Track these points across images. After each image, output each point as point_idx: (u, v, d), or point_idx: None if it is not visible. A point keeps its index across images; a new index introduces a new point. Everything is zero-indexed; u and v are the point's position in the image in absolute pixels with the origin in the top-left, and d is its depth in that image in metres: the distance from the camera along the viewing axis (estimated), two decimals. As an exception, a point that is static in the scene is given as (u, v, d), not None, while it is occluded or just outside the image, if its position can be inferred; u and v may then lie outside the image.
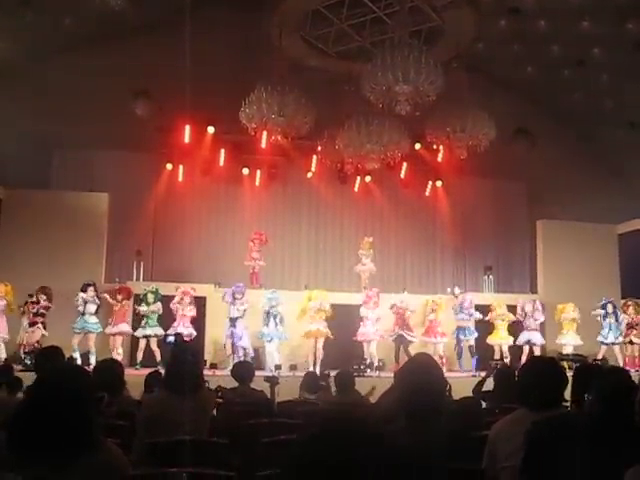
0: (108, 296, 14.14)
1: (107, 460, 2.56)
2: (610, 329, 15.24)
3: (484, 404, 6.34)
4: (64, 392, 2.54)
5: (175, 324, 14.11)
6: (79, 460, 2.43)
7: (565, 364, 10.67)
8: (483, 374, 9.36)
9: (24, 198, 15.58)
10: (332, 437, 1.80)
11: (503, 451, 3.26)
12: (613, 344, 15.13)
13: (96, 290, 13.86)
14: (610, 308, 15.35)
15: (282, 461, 1.82)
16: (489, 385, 6.86)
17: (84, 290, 13.71)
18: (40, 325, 13.55)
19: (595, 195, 17.52)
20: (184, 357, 4.52)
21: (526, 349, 15.22)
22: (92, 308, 13.70)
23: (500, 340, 15.39)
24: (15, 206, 15.49)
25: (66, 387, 2.58)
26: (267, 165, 18.18)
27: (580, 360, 13.38)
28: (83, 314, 13.63)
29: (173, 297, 14.36)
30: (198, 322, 14.58)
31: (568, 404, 3.97)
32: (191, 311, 14.32)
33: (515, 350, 15.29)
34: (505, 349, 15.28)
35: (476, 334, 15.44)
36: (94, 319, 13.71)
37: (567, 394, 3.71)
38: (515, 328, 15.65)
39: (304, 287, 16.70)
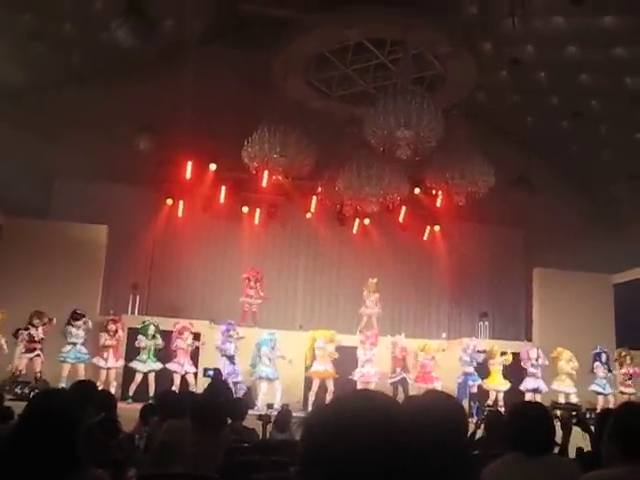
0: (106, 335, 14.13)
1: None
2: (606, 379, 15.24)
3: (476, 451, 6.32)
4: (49, 416, 2.60)
5: (175, 359, 14.17)
6: None
7: (558, 412, 10.61)
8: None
9: (23, 226, 15.60)
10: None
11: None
12: (608, 394, 15.10)
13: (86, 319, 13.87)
14: (604, 358, 15.35)
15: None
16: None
17: (76, 319, 13.69)
18: (39, 352, 13.39)
19: (592, 244, 17.60)
20: (217, 397, 4.59)
21: (528, 396, 15.01)
22: (82, 339, 13.70)
23: (496, 385, 15.36)
24: (14, 234, 15.49)
25: (52, 411, 2.64)
26: (267, 204, 18.28)
27: (574, 409, 13.24)
28: (75, 344, 13.62)
29: (170, 332, 14.38)
30: (193, 358, 14.57)
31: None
32: (190, 346, 14.37)
33: (515, 397, 15.12)
34: (500, 396, 15.21)
35: (479, 380, 15.37)
36: (85, 349, 13.72)
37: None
38: (511, 374, 15.66)
39: (299, 327, 16.70)
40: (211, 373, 13.01)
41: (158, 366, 14.09)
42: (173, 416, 4.71)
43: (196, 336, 14.72)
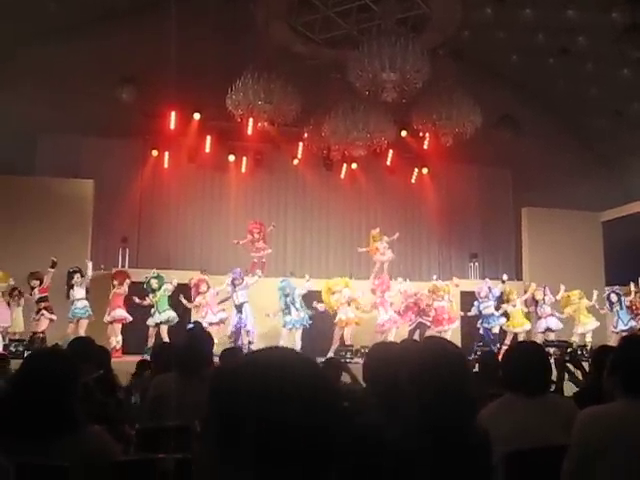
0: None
1: (90, 443, 2.58)
2: (619, 317, 15.37)
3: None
4: (44, 374, 2.60)
5: (203, 314, 14.23)
6: (61, 441, 2.47)
7: (551, 350, 10.75)
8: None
9: (8, 184, 15.43)
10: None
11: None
12: (624, 331, 15.24)
13: (82, 275, 13.80)
14: (614, 297, 15.44)
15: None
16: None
17: (72, 278, 13.64)
18: (45, 312, 13.35)
19: (580, 182, 17.63)
20: (195, 344, 4.60)
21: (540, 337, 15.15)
22: (80, 292, 13.63)
23: (516, 327, 15.50)
24: (0, 192, 15.38)
25: (47, 369, 2.63)
26: (253, 152, 18.15)
27: (564, 346, 13.42)
28: (72, 302, 13.57)
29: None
30: (187, 309, 14.62)
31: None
32: (212, 297, 14.44)
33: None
34: (522, 337, 15.29)
35: (502, 320, 15.50)
36: (82, 303, 13.61)
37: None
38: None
39: (289, 274, 16.73)
40: (191, 326, 13.09)
41: (171, 315, 14.12)
42: (167, 369, 4.71)
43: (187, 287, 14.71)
